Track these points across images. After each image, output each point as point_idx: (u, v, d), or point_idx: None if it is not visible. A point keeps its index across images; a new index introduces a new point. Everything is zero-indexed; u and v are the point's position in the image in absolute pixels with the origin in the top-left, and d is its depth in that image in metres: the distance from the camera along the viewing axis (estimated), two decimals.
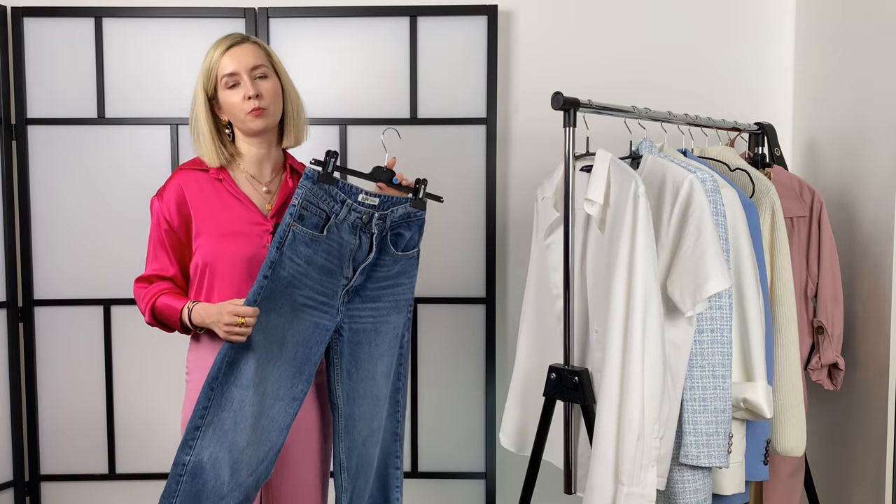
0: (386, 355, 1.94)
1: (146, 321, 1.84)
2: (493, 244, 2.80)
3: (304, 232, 1.75)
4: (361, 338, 1.89)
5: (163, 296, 1.79)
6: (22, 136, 2.75)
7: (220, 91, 1.81)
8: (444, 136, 2.79)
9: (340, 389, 1.88)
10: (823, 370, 2.35)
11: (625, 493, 1.74)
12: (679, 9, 2.84)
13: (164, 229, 1.82)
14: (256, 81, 1.80)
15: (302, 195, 1.75)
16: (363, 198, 1.82)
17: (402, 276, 1.93)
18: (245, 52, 1.80)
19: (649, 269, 1.76)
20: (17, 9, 2.73)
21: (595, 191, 1.86)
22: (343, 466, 1.90)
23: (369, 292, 1.89)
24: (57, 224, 2.78)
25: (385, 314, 1.92)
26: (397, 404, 2.01)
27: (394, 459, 2.02)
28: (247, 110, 1.79)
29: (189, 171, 1.85)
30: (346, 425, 1.89)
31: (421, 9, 2.75)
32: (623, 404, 1.76)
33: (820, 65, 2.67)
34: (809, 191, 2.35)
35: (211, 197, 1.82)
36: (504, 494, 2.90)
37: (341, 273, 1.83)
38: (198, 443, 1.74)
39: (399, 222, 1.88)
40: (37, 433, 2.82)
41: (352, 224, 1.82)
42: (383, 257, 1.88)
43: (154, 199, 1.85)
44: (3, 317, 2.76)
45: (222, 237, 1.80)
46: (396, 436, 2.02)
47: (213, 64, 1.80)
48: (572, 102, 1.88)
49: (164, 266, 1.83)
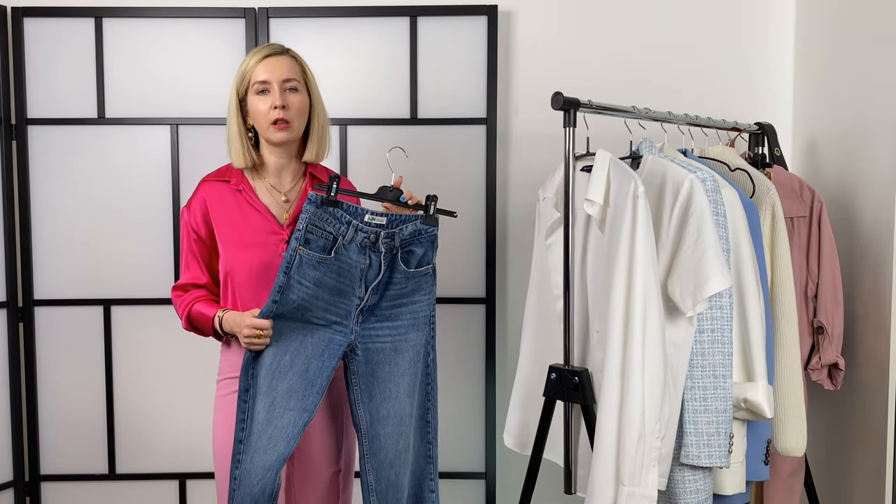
0: (408, 374, 1.92)
1: (183, 327, 1.93)
2: (493, 244, 2.80)
3: (310, 255, 1.77)
4: (381, 357, 1.89)
5: (197, 303, 1.87)
6: (22, 136, 2.75)
7: (249, 96, 1.87)
8: (444, 136, 2.79)
9: (363, 410, 1.88)
10: (823, 370, 2.35)
11: (626, 493, 1.74)
12: (679, 9, 2.84)
13: (193, 239, 1.90)
14: (286, 93, 1.85)
15: (306, 219, 1.76)
16: (370, 217, 1.83)
17: (417, 293, 1.91)
18: (281, 64, 1.86)
19: (649, 269, 1.76)
20: (17, 9, 2.72)
21: (595, 191, 1.86)
22: (371, 489, 1.90)
23: (384, 311, 1.89)
24: (57, 224, 2.78)
25: (404, 332, 1.91)
26: (428, 425, 1.98)
27: (428, 482, 1.98)
28: (271, 120, 1.84)
29: (212, 183, 1.93)
30: (371, 447, 1.89)
31: (421, 9, 2.75)
32: (623, 404, 1.76)
33: (820, 65, 2.68)
34: (809, 191, 2.35)
35: (231, 207, 1.89)
36: (504, 494, 2.90)
37: (353, 293, 1.84)
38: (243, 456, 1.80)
39: (409, 240, 1.88)
40: (37, 433, 2.82)
41: (360, 244, 1.82)
42: (395, 275, 1.88)
43: (183, 210, 1.94)
44: (3, 317, 2.76)
45: (239, 247, 1.86)
46: (429, 458, 1.98)
47: (249, 69, 1.86)
48: (572, 102, 1.88)
49: (196, 275, 1.92)
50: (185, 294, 1.91)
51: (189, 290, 1.91)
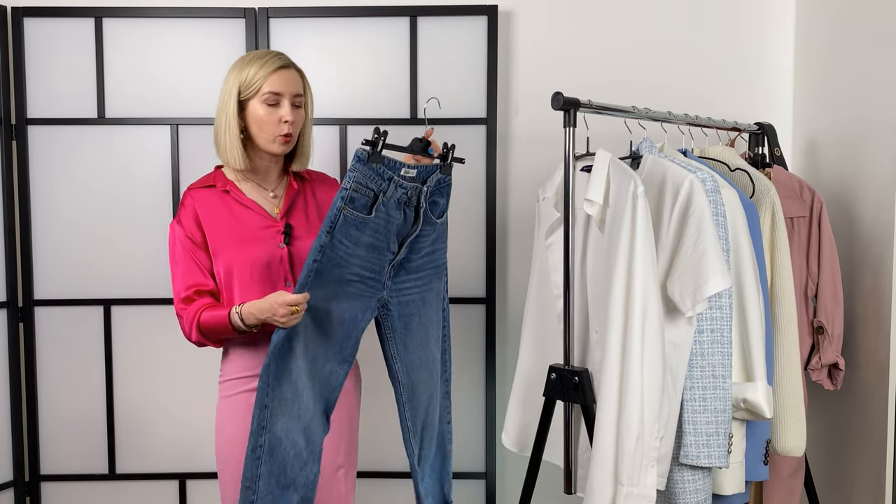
0: (434, 321, 2.03)
1: (194, 339, 1.86)
2: (493, 244, 2.80)
3: (353, 215, 1.78)
4: (412, 309, 1.96)
5: (205, 311, 1.82)
6: (22, 136, 2.75)
7: (254, 101, 1.86)
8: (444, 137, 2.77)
9: (400, 363, 1.96)
10: (823, 370, 2.35)
11: (625, 493, 1.74)
12: (679, 9, 2.84)
13: (189, 248, 1.87)
14: (294, 109, 1.88)
15: (354, 178, 1.76)
16: (405, 171, 1.84)
17: (437, 241, 2.01)
18: (294, 79, 1.90)
19: (648, 270, 1.76)
20: (17, 9, 2.72)
21: (594, 191, 1.86)
22: (411, 433, 2.00)
23: (413, 264, 1.95)
24: (57, 224, 2.78)
25: (428, 282, 2.00)
26: (445, 364, 2.09)
27: (446, 415, 2.11)
28: (279, 133, 1.86)
29: (198, 190, 1.92)
30: (408, 395, 1.98)
31: (421, 9, 2.75)
32: (622, 404, 1.76)
33: (820, 65, 2.68)
34: (809, 191, 2.35)
35: (221, 210, 1.89)
36: (504, 494, 2.90)
37: (388, 248, 1.88)
38: (268, 421, 1.78)
39: (434, 190, 1.94)
40: (37, 433, 2.82)
41: (398, 200, 1.86)
42: (424, 228, 1.94)
43: (173, 223, 1.91)
44: (3, 317, 2.76)
45: (237, 245, 1.86)
46: (446, 394, 2.11)
47: (260, 77, 1.85)
48: (572, 102, 1.88)
49: (200, 281, 1.87)
50: (190, 306, 1.85)
51: (194, 301, 1.86)
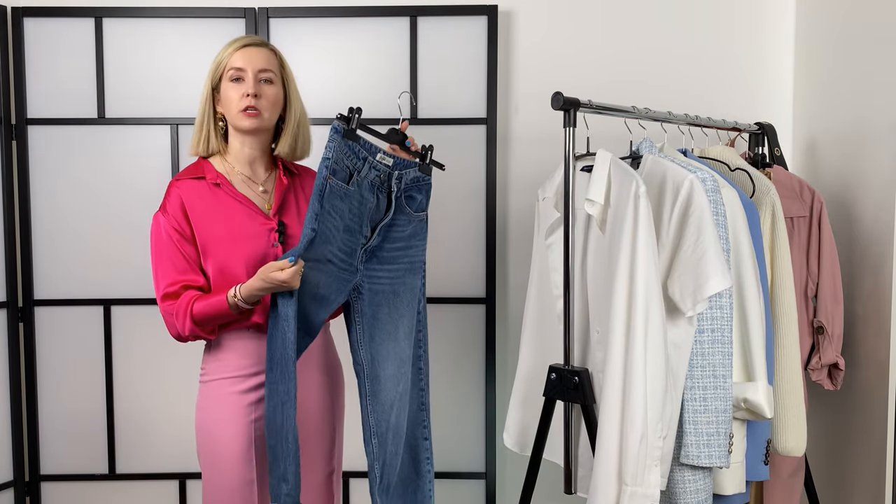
0: (406, 316, 1.98)
1: (187, 332, 1.79)
2: (493, 244, 2.80)
3: (338, 185, 1.77)
4: (381, 299, 1.92)
5: (196, 301, 1.77)
6: (22, 136, 2.75)
7: (223, 83, 1.85)
8: (444, 136, 2.78)
9: (365, 351, 1.91)
10: (823, 370, 2.35)
11: (628, 493, 1.74)
12: (679, 9, 2.84)
13: (177, 241, 1.81)
14: (261, 84, 1.83)
15: (333, 148, 1.76)
16: (380, 157, 1.86)
17: (414, 237, 1.97)
18: (258, 54, 1.85)
19: (650, 269, 1.76)
20: (17, 9, 2.72)
21: (596, 191, 1.86)
22: (373, 432, 1.92)
23: (385, 253, 1.92)
24: (57, 224, 2.78)
25: (401, 275, 1.96)
26: (420, 371, 2.04)
27: (422, 430, 2.04)
28: (241, 107, 1.82)
29: (186, 181, 1.86)
30: (371, 387, 1.91)
31: (421, 9, 2.75)
32: (626, 405, 1.76)
33: (820, 65, 2.68)
34: (809, 191, 2.35)
35: (211, 204, 1.84)
36: (504, 494, 2.90)
37: (360, 232, 1.87)
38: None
39: (411, 185, 1.93)
40: (37, 433, 2.82)
41: (371, 182, 1.85)
42: (399, 217, 1.93)
43: (157, 214, 1.84)
44: (3, 317, 2.76)
45: (231, 242, 1.81)
46: (423, 405, 2.04)
47: (225, 57, 1.85)
48: (572, 102, 1.88)
49: (190, 278, 1.81)
50: (178, 300, 1.79)
51: (181, 295, 1.79)
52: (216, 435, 1.87)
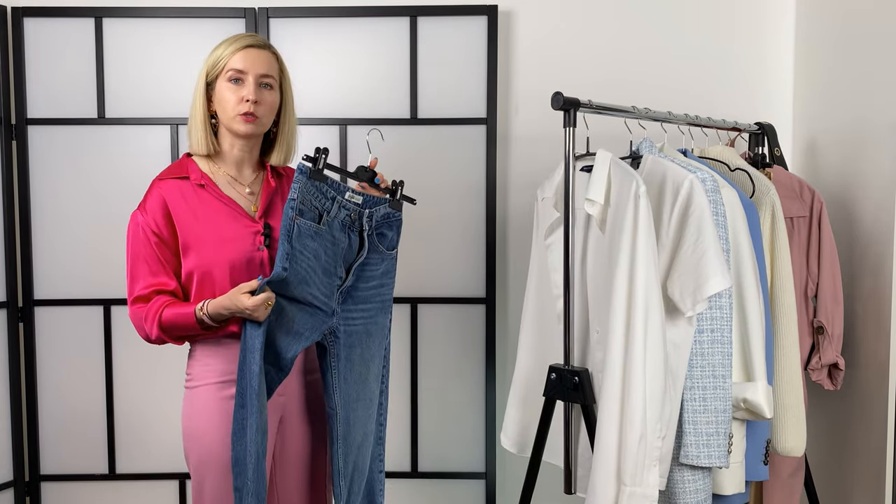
0: (376, 357, 1.95)
1: (154, 337, 1.76)
2: (493, 244, 2.80)
3: (307, 225, 1.73)
4: (354, 340, 1.88)
5: (167, 308, 1.73)
6: (22, 136, 2.75)
7: (220, 81, 1.80)
8: (444, 136, 2.79)
9: (338, 395, 1.86)
10: (823, 370, 2.35)
11: (627, 493, 1.74)
12: (679, 9, 2.84)
13: (154, 243, 1.76)
14: (260, 89, 1.80)
15: (298, 189, 1.71)
16: (349, 196, 1.81)
17: (385, 276, 1.93)
18: (261, 57, 1.81)
19: (650, 269, 1.76)
20: (17, 9, 2.72)
21: (596, 191, 1.86)
22: (340, 473, 1.88)
23: (360, 293, 1.89)
24: (57, 224, 2.78)
25: (373, 315, 1.92)
26: (381, 406, 2.01)
27: (378, 463, 2.03)
28: (240, 111, 1.78)
29: (169, 181, 1.81)
30: (343, 431, 1.87)
31: (421, 9, 2.75)
32: (625, 404, 1.76)
33: (820, 65, 2.67)
34: (809, 191, 2.35)
35: (196, 205, 1.79)
36: (504, 494, 2.90)
37: (335, 273, 1.82)
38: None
39: (382, 222, 1.89)
40: (37, 433, 2.82)
41: (342, 222, 1.81)
42: (372, 256, 1.89)
43: (136, 213, 1.79)
44: (3, 317, 2.76)
45: (215, 244, 1.77)
46: (380, 440, 2.03)
47: (225, 55, 1.79)
48: (572, 102, 1.88)
49: (162, 281, 1.76)
50: (149, 304, 1.75)
51: (152, 299, 1.75)
52: (202, 441, 1.81)
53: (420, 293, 2.82)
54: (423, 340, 2.85)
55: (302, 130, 2.73)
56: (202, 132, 1.82)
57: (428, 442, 2.87)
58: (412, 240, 2.71)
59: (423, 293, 2.81)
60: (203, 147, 1.83)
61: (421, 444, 2.86)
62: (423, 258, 2.81)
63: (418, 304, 2.82)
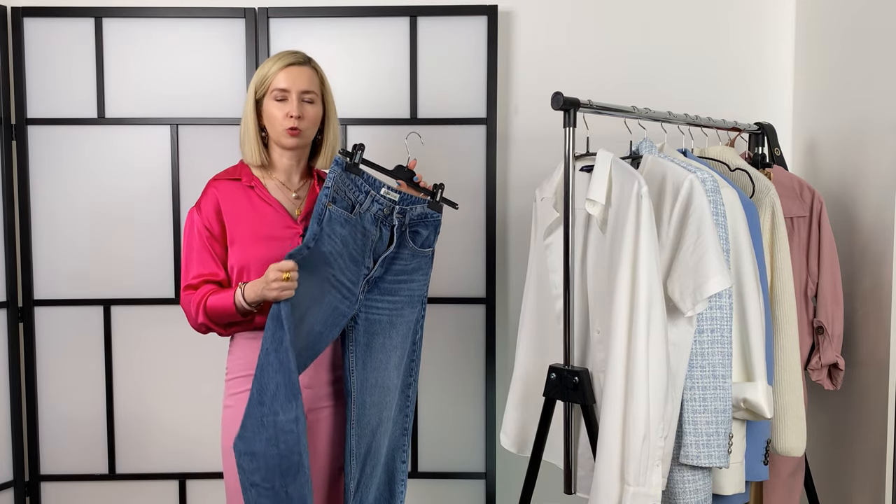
0: (398, 348, 2.02)
1: (199, 321, 1.86)
2: (493, 244, 2.80)
3: (339, 212, 1.86)
4: (377, 328, 1.97)
5: (211, 295, 1.84)
6: (22, 136, 2.75)
7: (267, 99, 1.92)
8: (444, 136, 2.79)
9: (355, 377, 1.95)
10: (823, 370, 2.35)
11: (631, 493, 1.74)
12: (679, 9, 2.84)
13: (206, 237, 1.89)
14: (303, 104, 1.92)
15: (333, 178, 1.86)
16: (385, 192, 1.93)
17: (416, 272, 2.02)
18: (302, 75, 1.93)
19: (653, 270, 1.76)
20: (17, 9, 2.72)
21: (597, 191, 1.86)
22: (352, 453, 1.96)
23: (387, 285, 1.98)
24: (57, 224, 2.78)
25: (400, 307, 2.01)
26: (408, 399, 2.09)
27: (401, 454, 2.10)
28: (286, 126, 1.90)
29: (223, 182, 1.95)
30: (357, 413, 1.96)
31: (421, 9, 2.75)
32: (628, 405, 1.76)
33: (820, 65, 2.68)
34: (809, 191, 2.35)
35: (244, 204, 1.92)
36: (504, 494, 2.90)
37: (363, 262, 1.93)
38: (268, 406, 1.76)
39: (417, 220, 1.99)
40: (37, 433, 2.82)
41: (374, 215, 1.92)
42: (402, 251, 1.98)
43: (192, 210, 1.93)
44: (3, 317, 2.76)
45: (256, 241, 1.88)
46: (405, 431, 2.10)
47: (270, 74, 1.92)
48: (572, 102, 1.88)
49: (212, 271, 1.89)
50: (196, 291, 1.87)
51: (200, 288, 1.87)
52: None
53: None
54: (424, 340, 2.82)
55: None
56: (254, 145, 1.95)
57: (428, 442, 2.87)
58: None
59: None
60: (256, 159, 1.95)
61: (421, 444, 2.86)
62: None
63: None
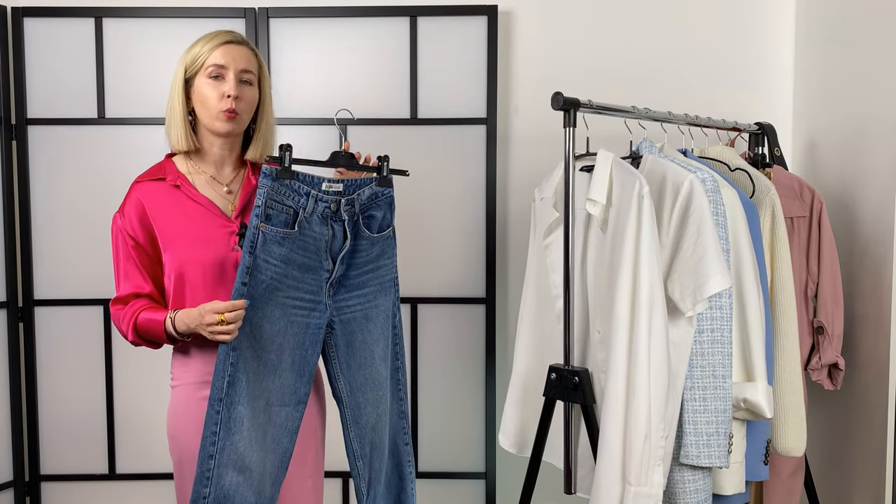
0: (380, 339, 1.93)
1: (130, 340, 1.78)
2: (493, 244, 2.80)
3: (273, 231, 1.70)
4: (353, 327, 1.88)
5: (143, 312, 1.74)
6: (22, 136, 2.75)
7: (199, 78, 1.77)
8: (444, 136, 2.79)
9: (343, 381, 1.88)
10: (823, 370, 2.35)
11: (632, 493, 1.74)
12: (679, 9, 2.84)
13: (130, 246, 1.77)
14: (241, 84, 1.78)
15: (264, 194, 1.69)
16: (327, 185, 1.77)
17: (381, 257, 1.91)
18: (241, 53, 1.79)
19: (654, 270, 1.76)
20: (17, 9, 2.72)
21: (597, 191, 1.86)
22: (357, 455, 1.91)
23: (353, 280, 1.87)
24: (57, 224, 2.78)
25: (372, 299, 1.91)
26: (398, 383, 2.02)
27: (403, 436, 2.03)
28: (222, 108, 1.75)
29: (146, 183, 1.81)
30: (353, 415, 1.90)
31: (421, 9, 2.75)
32: (630, 405, 1.76)
33: (820, 65, 2.68)
34: (809, 191, 2.35)
35: (171, 206, 1.78)
36: (504, 494, 2.90)
37: (321, 267, 1.81)
38: (215, 472, 1.70)
39: (368, 204, 1.86)
40: (37, 433, 2.82)
41: (321, 215, 1.78)
42: (360, 242, 1.86)
43: (115, 216, 1.80)
44: (3, 317, 2.76)
45: (189, 245, 1.75)
46: (402, 414, 2.02)
47: (204, 51, 1.77)
48: (572, 102, 1.88)
49: (138, 284, 1.77)
50: (126, 307, 1.76)
51: (130, 302, 1.76)
52: (183, 440, 1.79)
53: (420, 293, 2.82)
54: (423, 340, 2.85)
55: (302, 131, 2.77)
56: (182, 129, 1.79)
57: (428, 442, 2.87)
58: (412, 240, 2.72)
59: (423, 293, 2.81)
60: (183, 144, 1.80)
61: (421, 444, 2.86)
62: (423, 258, 2.81)
63: (418, 304, 2.82)
